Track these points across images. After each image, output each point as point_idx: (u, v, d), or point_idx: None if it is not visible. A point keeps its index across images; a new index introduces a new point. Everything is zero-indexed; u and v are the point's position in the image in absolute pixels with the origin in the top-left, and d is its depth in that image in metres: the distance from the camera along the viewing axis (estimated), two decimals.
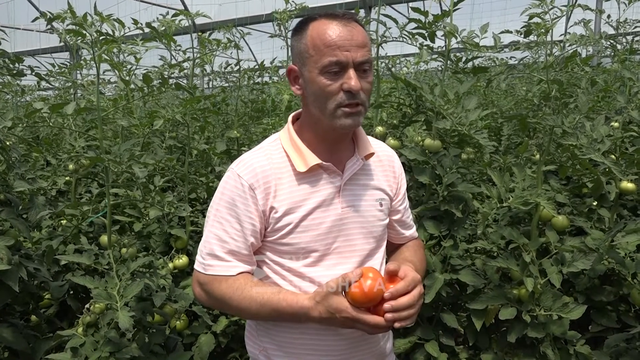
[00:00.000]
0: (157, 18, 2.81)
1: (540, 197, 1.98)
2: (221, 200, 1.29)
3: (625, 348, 2.07)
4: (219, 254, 1.27)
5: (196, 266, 1.32)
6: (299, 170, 1.27)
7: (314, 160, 1.27)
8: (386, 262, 1.45)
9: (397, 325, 1.12)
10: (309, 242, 1.28)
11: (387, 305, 1.10)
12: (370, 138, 1.44)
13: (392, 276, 1.17)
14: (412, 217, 1.56)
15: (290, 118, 1.37)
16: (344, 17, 1.23)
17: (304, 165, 1.27)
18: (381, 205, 1.38)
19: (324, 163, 1.29)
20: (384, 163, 1.43)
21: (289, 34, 3.48)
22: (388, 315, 1.10)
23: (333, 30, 1.20)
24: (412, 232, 1.55)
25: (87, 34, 1.87)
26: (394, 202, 1.45)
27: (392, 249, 1.53)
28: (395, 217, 1.47)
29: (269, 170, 1.27)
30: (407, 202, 1.52)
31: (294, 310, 1.19)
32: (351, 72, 1.20)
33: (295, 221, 1.26)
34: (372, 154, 1.36)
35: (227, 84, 4.97)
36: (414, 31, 2.32)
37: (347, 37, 1.20)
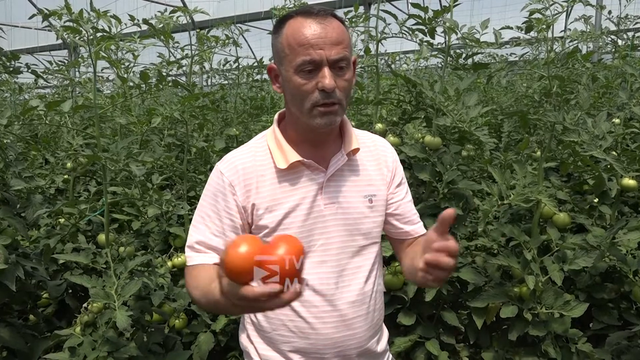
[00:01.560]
0: (155, 15, 2.79)
1: (542, 194, 1.97)
2: (205, 196, 1.32)
3: (626, 346, 2.06)
4: (197, 247, 1.29)
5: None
6: (279, 167, 1.26)
7: (294, 157, 1.26)
8: (401, 263, 1.44)
9: (436, 284, 1.05)
10: None
11: (428, 256, 1.01)
12: (364, 132, 1.43)
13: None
14: (417, 214, 1.48)
15: (276, 116, 1.36)
16: (319, 13, 1.20)
17: (284, 162, 1.26)
18: (371, 201, 1.34)
19: (305, 160, 1.27)
20: (376, 156, 1.40)
21: None
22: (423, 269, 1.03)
23: (307, 28, 1.17)
24: (416, 227, 1.44)
25: (84, 31, 1.85)
26: (388, 196, 1.40)
27: (403, 249, 1.45)
28: (390, 211, 1.41)
29: (251, 167, 1.27)
30: (405, 196, 1.44)
31: (221, 297, 0.98)
32: (325, 71, 1.17)
33: (278, 219, 1.25)
34: (357, 149, 1.33)
35: (226, 82, 4.95)
36: (414, 27, 2.30)
37: (320, 35, 1.17)
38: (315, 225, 1.28)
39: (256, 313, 1.30)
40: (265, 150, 1.31)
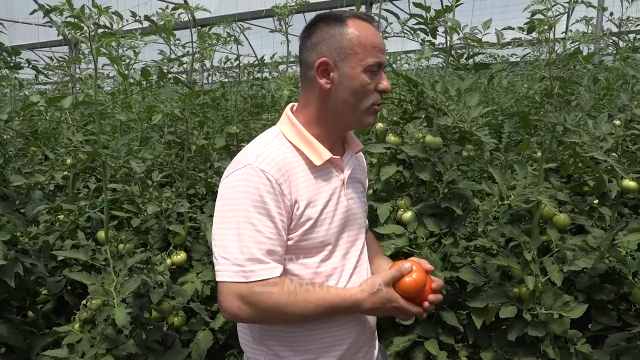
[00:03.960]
0: (157, 12, 2.78)
1: (542, 195, 1.97)
2: (246, 199, 1.19)
3: (625, 347, 2.06)
4: (259, 256, 1.17)
5: (229, 277, 1.18)
6: (315, 163, 1.29)
7: (327, 154, 1.30)
8: None
9: (424, 315, 1.32)
10: (325, 236, 1.30)
11: (432, 297, 1.28)
12: None
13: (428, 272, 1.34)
14: None
15: (290, 113, 1.35)
16: (374, 21, 1.32)
17: (319, 159, 1.29)
18: (364, 196, 1.48)
19: (334, 157, 1.32)
20: (359, 158, 1.52)
21: (289, 30, 3.46)
22: (428, 305, 1.28)
23: (374, 32, 1.29)
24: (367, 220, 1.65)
25: (85, 27, 1.85)
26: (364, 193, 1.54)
27: None
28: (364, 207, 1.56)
29: (287, 164, 1.25)
30: None
31: (348, 304, 1.24)
32: (383, 74, 1.30)
33: (315, 215, 1.27)
34: (362, 148, 1.46)
35: (226, 80, 4.94)
36: (416, 27, 2.29)
37: (382, 41, 1.30)
38: (342, 220, 1.34)
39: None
40: (289, 147, 1.30)
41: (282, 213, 1.21)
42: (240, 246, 1.17)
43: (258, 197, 1.19)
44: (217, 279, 1.21)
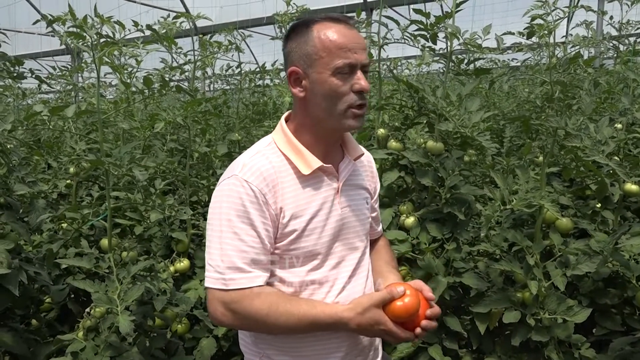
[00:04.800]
0: (158, 20, 2.80)
1: (544, 199, 1.96)
2: (230, 209, 1.21)
3: (630, 351, 2.05)
4: (240, 265, 1.20)
5: (212, 284, 1.22)
6: (303, 173, 1.27)
7: (316, 163, 1.28)
8: None
9: (416, 340, 1.27)
10: (315, 246, 1.28)
11: (425, 323, 1.22)
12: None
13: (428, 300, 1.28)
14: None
15: (283, 121, 1.35)
16: (346, 20, 1.26)
17: (307, 168, 1.27)
18: (367, 203, 1.44)
19: (324, 165, 1.29)
20: (364, 164, 1.48)
21: None
22: (420, 332, 1.22)
23: (342, 32, 1.23)
24: (380, 227, 1.62)
25: (88, 37, 1.86)
26: (372, 200, 1.50)
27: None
28: (373, 215, 1.52)
29: (273, 173, 1.26)
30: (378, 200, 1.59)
31: (333, 320, 1.20)
32: (359, 74, 1.23)
33: (302, 225, 1.26)
34: (362, 154, 1.42)
35: (228, 87, 4.96)
36: (416, 33, 2.30)
37: (354, 40, 1.24)
38: (335, 229, 1.32)
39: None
40: (279, 156, 1.30)
41: (267, 222, 1.23)
42: (222, 254, 1.21)
43: (241, 207, 1.21)
44: (204, 284, 1.26)
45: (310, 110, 1.28)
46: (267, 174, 1.24)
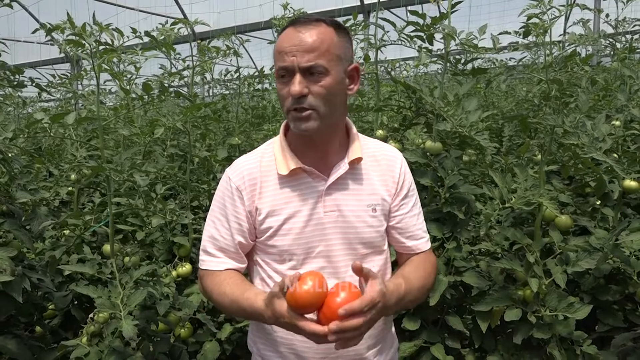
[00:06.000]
0: (157, 27, 2.81)
1: (543, 197, 1.97)
2: (215, 201, 1.38)
3: (632, 347, 2.06)
4: (210, 250, 1.36)
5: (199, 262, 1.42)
6: (280, 173, 1.30)
7: (294, 163, 1.29)
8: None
9: (338, 347, 1.07)
10: (291, 245, 1.29)
11: (332, 326, 1.04)
12: (375, 142, 1.43)
13: (355, 287, 1.12)
14: (423, 228, 1.45)
15: (284, 123, 1.39)
16: (304, 21, 1.23)
17: (285, 168, 1.30)
18: (374, 210, 1.33)
19: (306, 167, 1.29)
20: (383, 166, 1.38)
21: None
22: (331, 336, 1.05)
23: (287, 35, 1.23)
24: (418, 243, 1.42)
25: (86, 44, 1.88)
26: (392, 207, 1.38)
27: (403, 262, 1.44)
28: (392, 223, 1.39)
29: (257, 172, 1.32)
30: (410, 209, 1.41)
31: (253, 310, 1.19)
32: (296, 78, 1.20)
33: (277, 224, 1.29)
34: (359, 158, 1.32)
35: (227, 92, 4.98)
36: (412, 34, 2.32)
37: (294, 43, 1.20)
38: (314, 232, 1.29)
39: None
40: (271, 156, 1.35)
41: (240, 218, 1.32)
42: (203, 238, 1.39)
43: (222, 201, 1.36)
44: None
45: None
46: (247, 172, 1.33)
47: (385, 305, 1.11)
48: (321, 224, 1.30)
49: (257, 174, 1.32)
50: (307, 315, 1.09)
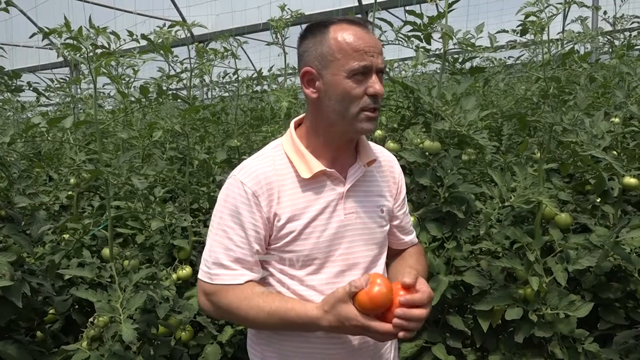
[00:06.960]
0: (154, 30, 2.81)
1: (543, 195, 1.97)
2: (224, 208, 1.27)
3: (634, 345, 2.05)
4: (224, 262, 1.25)
5: (201, 276, 1.29)
6: (303, 176, 1.26)
7: (318, 166, 1.27)
8: (387, 269, 1.44)
9: (401, 334, 1.11)
10: (312, 250, 1.26)
11: (399, 311, 1.09)
12: (370, 143, 1.44)
13: (408, 287, 1.15)
14: (411, 223, 1.56)
15: (292, 124, 1.36)
16: (364, 23, 1.26)
17: (308, 172, 1.26)
18: (382, 211, 1.38)
19: (327, 170, 1.28)
20: (385, 169, 1.43)
21: (286, 42, 3.49)
22: (396, 321, 1.09)
23: (359, 34, 1.22)
24: (412, 237, 1.54)
25: (84, 48, 1.88)
26: (394, 208, 1.44)
27: (392, 255, 1.51)
28: (395, 223, 1.46)
29: (273, 176, 1.26)
30: (406, 208, 1.51)
31: (303, 320, 1.17)
32: (375, 77, 1.22)
33: (299, 228, 1.25)
34: (374, 160, 1.36)
35: (226, 94, 4.98)
36: (410, 34, 2.31)
37: (371, 44, 1.23)
38: (336, 235, 1.29)
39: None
40: (284, 159, 1.30)
41: (258, 225, 1.25)
42: (211, 250, 1.28)
43: (234, 207, 1.26)
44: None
45: (322, 112, 1.27)
46: (263, 176, 1.26)
47: None
48: (342, 227, 1.30)
49: (274, 178, 1.26)
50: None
